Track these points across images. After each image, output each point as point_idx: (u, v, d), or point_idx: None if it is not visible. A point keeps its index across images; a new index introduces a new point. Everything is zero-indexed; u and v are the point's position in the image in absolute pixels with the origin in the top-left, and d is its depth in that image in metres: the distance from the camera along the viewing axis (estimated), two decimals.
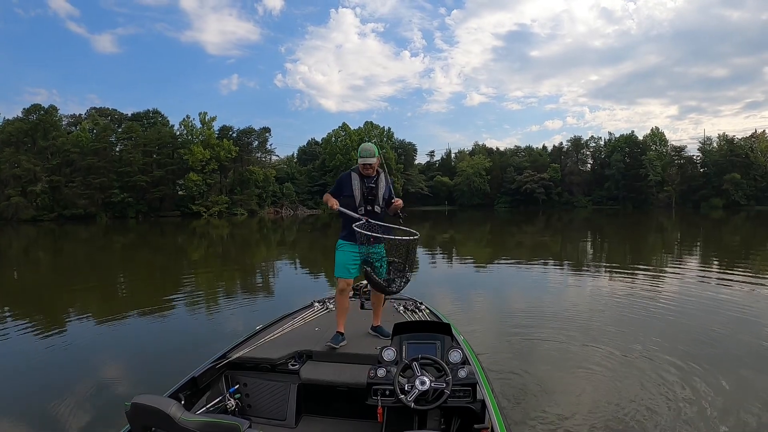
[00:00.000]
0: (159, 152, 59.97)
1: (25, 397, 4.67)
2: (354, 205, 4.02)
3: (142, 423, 2.12)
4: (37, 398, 4.62)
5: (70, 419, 4.17)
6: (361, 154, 4.01)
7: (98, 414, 4.25)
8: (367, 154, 3.99)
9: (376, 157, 4.00)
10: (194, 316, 8.59)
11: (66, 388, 4.85)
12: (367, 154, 4.00)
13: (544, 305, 8.66)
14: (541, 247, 21.67)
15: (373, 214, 4.03)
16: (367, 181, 4.05)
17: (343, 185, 4.10)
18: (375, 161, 4.00)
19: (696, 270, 13.08)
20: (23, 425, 4.16)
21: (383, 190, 4.11)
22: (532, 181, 71.52)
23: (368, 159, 3.98)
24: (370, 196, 4.05)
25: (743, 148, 63.63)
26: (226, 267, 16.96)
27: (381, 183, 4.10)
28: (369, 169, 4.02)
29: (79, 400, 4.55)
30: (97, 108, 67.43)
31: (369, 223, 3.82)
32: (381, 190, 4.10)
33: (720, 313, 7.71)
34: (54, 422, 4.12)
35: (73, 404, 4.45)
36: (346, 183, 4.08)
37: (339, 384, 3.33)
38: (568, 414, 4.22)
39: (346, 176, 4.13)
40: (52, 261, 20.30)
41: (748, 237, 24.79)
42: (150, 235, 34.55)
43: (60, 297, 11.02)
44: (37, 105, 58.49)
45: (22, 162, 53.94)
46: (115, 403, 4.27)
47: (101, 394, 4.70)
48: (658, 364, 5.33)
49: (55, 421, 4.13)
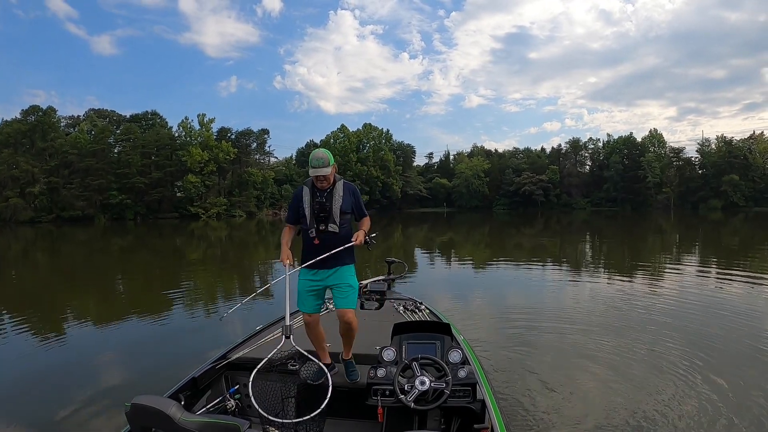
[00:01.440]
0: (157, 154, 59.97)
1: (24, 399, 4.65)
2: (306, 225, 3.45)
3: (142, 423, 2.12)
4: (36, 399, 4.60)
5: (70, 420, 4.14)
6: (311, 164, 3.34)
7: (98, 414, 4.23)
8: (318, 164, 3.30)
9: (329, 166, 3.35)
10: (194, 317, 8.57)
11: (66, 389, 4.84)
12: (317, 163, 3.31)
13: (544, 306, 8.68)
14: (540, 248, 21.68)
15: (327, 234, 3.41)
16: (318, 195, 3.43)
17: (297, 204, 3.51)
18: (328, 171, 3.34)
19: (695, 271, 13.10)
20: (23, 426, 4.13)
21: (340, 203, 3.43)
22: (530, 183, 71.61)
23: (319, 170, 3.30)
24: (321, 213, 3.41)
25: (742, 150, 63.83)
26: (226, 269, 16.95)
27: (336, 194, 3.44)
28: (322, 181, 3.38)
29: (78, 401, 4.53)
30: (96, 109, 67.45)
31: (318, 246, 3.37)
32: (337, 202, 3.42)
33: (719, 314, 7.72)
34: (54, 423, 4.10)
35: (73, 405, 4.43)
36: (299, 200, 3.49)
37: (339, 384, 3.32)
38: (567, 414, 4.22)
39: (298, 192, 3.53)
40: (51, 262, 20.27)
41: (746, 238, 24.84)
42: (148, 237, 34.49)
43: (59, 299, 10.99)
44: (35, 106, 58.57)
45: (21, 163, 53.90)
46: (115, 403, 4.26)
47: (101, 395, 4.68)
48: (658, 365, 5.34)
49: (55, 422, 4.11)
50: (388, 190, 72.84)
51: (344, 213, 3.44)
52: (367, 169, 70.23)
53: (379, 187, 71.94)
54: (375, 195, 71.40)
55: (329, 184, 3.43)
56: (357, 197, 3.54)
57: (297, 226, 3.56)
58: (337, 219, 3.40)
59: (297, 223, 3.55)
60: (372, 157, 71.96)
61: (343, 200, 3.43)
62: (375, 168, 71.37)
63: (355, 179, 68.56)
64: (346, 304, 3.40)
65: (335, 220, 3.40)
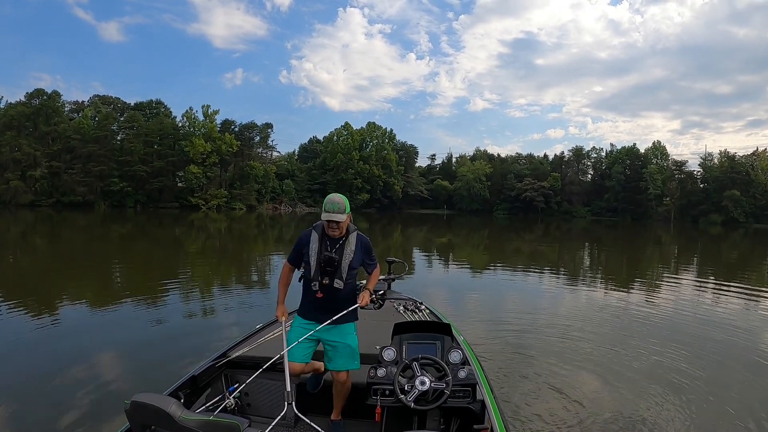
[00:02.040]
0: (160, 143, 59.85)
1: (22, 395, 4.56)
2: (310, 275, 3.16)
3: (142, 421, 2.11)
4: (35, 396, 4.53)
5: (70, 417, 4.09)
6: (325, 208, 3.02)
7: (97, 412, 4.18)
8: (333, 208, 3.01)
9: (346, 214, 3.06)
10: (194, 314, 8.51)
11: (65, 386, 4.77)
12: (332, 207, 3.01)
13: (544, 311, 8.75)
14: (540, 254, 21.70)
15: (332, 290, 3.13)
16: (329, 246, 3.14)
17: (302, 247, 3.22)
18: (343, 218, 3.04)
19: (694, 282, 13.10)
20: (21, 424, 4.05)
21: (350, 258, 3.14)
22: (532, 189, 71.60)
23: (333, 215, 3.00)
24: (328, 266, 3.12)
25: (744, 166, 63.80)
26: (226, 264, 16.95)
27: (348, 249, 3.14)
28: (334, 228, 3.08)
29: (78, 397, 4.47)
30: (101, 96, 67.49)
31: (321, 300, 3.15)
32: (347, 258, 3.14)
33: (717, 325, 7.83)
34: (53, 420, 4.03)
35: (71, 402, 4.37)
36: (304, 244, 3.20)
37: None
38: (567, 416, 4.25)
39: (306, 235, 3.23)
40: (50, 248, 20.24)
41: (746, 253, 24.86)
42: (149, 225, 34.47)
43: (57, 289, 10.93)
44: (40, 90, 58.25)
45: (23, 146, 53.79)
46: (114, 401, 4.22)
47: (100, 392, 4.62)
48: (654, 372, 5.38)
49: (54, 419, 4.04)
50: (389, 189, 72.85)
51: (353, 269, 3.18)
52: (369, 167, 70.22)
53: (381, 187, 71.95)
54: (376, 194, 71.45)
55: (341, 233, 3.13)
56: (369, 252, 3.27)
57: (296, 268, 3.32)
58: (345, 275, 3.14)
59: (298, 266, 3.29)
60: (374, 156, 71.94)
61: (354, 256, 3.16)
62: (377, 167, 71.37)
63: (356, 177, 68.64)
64: (343, 365, 3.17)
65: (342, 276, 3.13)
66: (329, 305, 3.15)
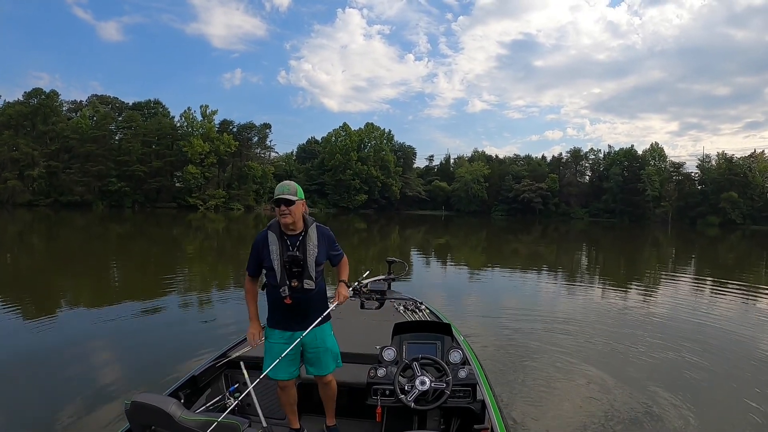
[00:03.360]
0: (158, 143, 59.76)
1: (21, 396, 4.55)
2: (275, 281, 2.89)
3: (142, 421, 2.12)
4: (34, 396, 4.50)
5: (70, 417, 4.07)
6: (276, 190, 2.84)
7: (98, 412, 4.16)
8: (283, 189, 2.81)
9: (297, 198, 2.81)
10: (193, 314, 8.50)
11: (65, 386, 4.74)
12: (282, 189, 2.81)
13: (544, 309, 8.81)
14: (538, 255, 21.72)
15: (303, 292, 2.88)
16: (289, 244, 2.87)
17: (260, 253, 2.92)
18: (293, 199, 2.79)
19: (691, 282, 13.13)
20: (21, 423, 4.04)
21: (315, 253, 2.90)
22: (529, 190, 71.65)
23: (284, 195, 2.78)
24: (295, 267, 2.86)
25: (742, 168, 63.95)
26: (224, 264, 16.92)
27: (310, 243, 2.90)
28: (286, 214, 2.79)
29: (78, 398, 4.45)
30: (99, 95, 67.23)
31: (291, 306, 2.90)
32: (312, 254, 2.89)
33: (714, 325, 7.85)
34: (53, 421, 4.01)
35: (72, 402, 4.35)
36: (262, 249, 2.91)
37: (339, 383, 3.31)
38: (567, 416, 4.26)
39: (261, 238, 2.93)
40: (48, 248, 20.18)
41: (743, 255, 24.94)
42: (146, 225, 34.40)
43: (55, 289, 10.89)
44: (38, 89, 58.12)
45: (21, 145, 53.62)
46: (114, 401, 4.22)
47: (100, 392, 4.59)
48: (655, 371, 5.40)
49: (54, 419, 4.02)
50: (387, 190, 72.84)
51: (319, 264, 2.94)
52: (367, 168, 70.21)
53: (379, 187, 71.93)
54: (374, 195, 71.44)
55: (296, 224, 2.86)
56: (332, 242, 3.03)
57: (258, 278, 3.03)
58: (313, 273, 2.89)
59: (259, 275, 3.02)
60: (373, 157, 71.93)
61: (319, 250, 2.92)
62: (375, 168, 71.36)
63: (354, 178, 68.60)
64: (326, 369, 3.05)
65: (311, 274, 2.88)
66: (301, 309, 2.91)
